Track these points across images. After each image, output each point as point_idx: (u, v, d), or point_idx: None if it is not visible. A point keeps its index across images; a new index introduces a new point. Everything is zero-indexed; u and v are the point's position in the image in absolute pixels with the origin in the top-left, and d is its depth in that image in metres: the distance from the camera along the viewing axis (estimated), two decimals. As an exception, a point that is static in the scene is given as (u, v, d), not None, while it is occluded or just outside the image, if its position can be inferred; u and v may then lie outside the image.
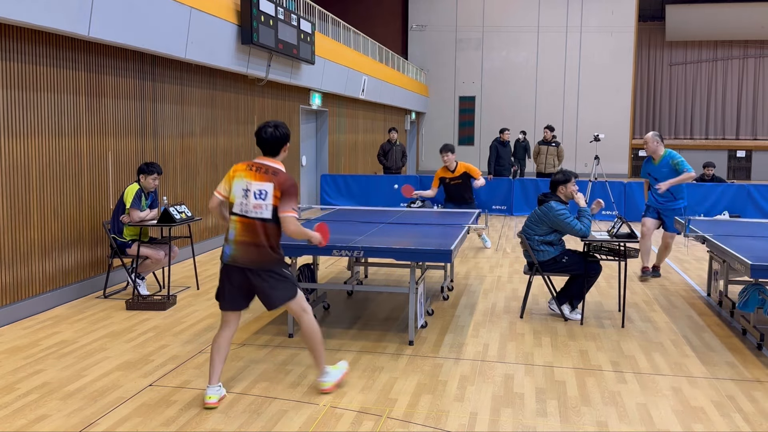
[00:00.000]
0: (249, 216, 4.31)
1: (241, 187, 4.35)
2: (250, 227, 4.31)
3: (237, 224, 4.35)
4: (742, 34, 28.16)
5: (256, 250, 4.30)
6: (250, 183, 4.34)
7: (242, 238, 4.32)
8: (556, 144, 15.01)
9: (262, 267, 4.33)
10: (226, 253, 4.38)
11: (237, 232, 4.34)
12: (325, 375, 4.64)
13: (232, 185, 4.40)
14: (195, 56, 8.76)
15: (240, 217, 4.34)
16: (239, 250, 4.32)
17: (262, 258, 4.32)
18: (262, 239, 4.30)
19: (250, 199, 4.31)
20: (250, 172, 4.37)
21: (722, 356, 5.50)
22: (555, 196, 6.51)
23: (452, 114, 26.73)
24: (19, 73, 6.32)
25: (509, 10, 25.98)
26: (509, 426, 4.16)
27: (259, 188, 4.31)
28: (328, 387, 4.62)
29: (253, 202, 4.30)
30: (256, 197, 4.30)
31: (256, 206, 4.30)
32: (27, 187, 6.47)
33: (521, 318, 6.56)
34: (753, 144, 27.69)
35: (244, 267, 4.33)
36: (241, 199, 4.34)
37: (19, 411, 4.30)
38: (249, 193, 4.32)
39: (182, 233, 8.32)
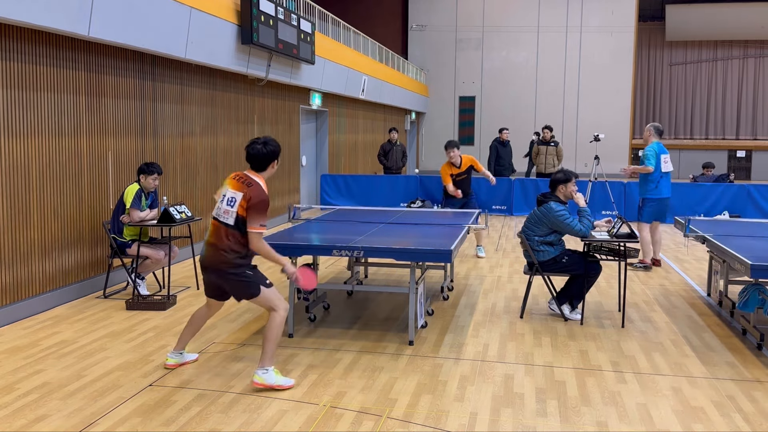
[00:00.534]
0: (219, 220, 4.68)
1: (223, 193, 4.72)
2: (217, 231, 4.67)
3: (210, 226, 4.76)
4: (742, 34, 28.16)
5: (216, 252, 4.64)
6: (228, 190, 4.69)
7: (209, 240, 4.71)
8: (555, 144, 15.01)
9: (219, 268, 4.65)
10: (202, 253, 4.80)
11: (209, 233, 4.75)
12: (264, 370, 4.65)
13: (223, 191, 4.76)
14: (195, 56, 8.76)
15: (213, 219, 4.73)
16: (206, 250, 4.73)
17: (220, 260, 4.63)
18: (224, 243, 4.62)
19: (224, 204, 4.66)
20: (233, 181, 4.71)
21: (722, 356, 5.50)
22: (554, 196, 6.51)
23: (452, 114, 26.73)
24: (19, 73, 6.32)
25: (509, 10, 25.98)
26: (509, 426, 4.16)
27: (231, 195, 4.64)
28: (258, 382, 4.64)
29: (224, 207, 4.65)
30: (227, 204, 4.64)
31: (225, 212, 4.65)
32: (27, 187, 6.47)
33: (521, 318, 6.56)
34: (753, 144, 27.69)
35: (210, 267, 4.70)
36: (218, 203, 4.73)
37: (19, 411, 4.30)
38: (224, 199, 4.68)
39: (182, 233, 8.32)
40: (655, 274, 8.80)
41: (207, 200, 10.05)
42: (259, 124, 11.93)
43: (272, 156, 4.71)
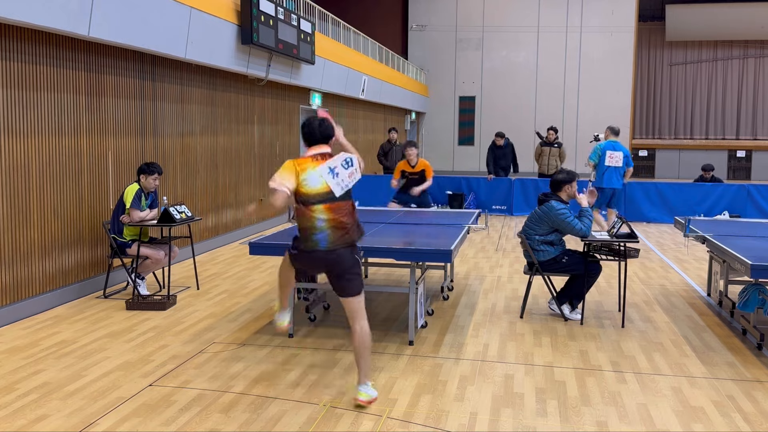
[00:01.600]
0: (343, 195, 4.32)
1: (324, 172, 4.30)
2: (343, 208, 4.34)
3: (328, 211, 4.29)
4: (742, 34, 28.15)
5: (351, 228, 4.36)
6: (331, 162, 4.34)
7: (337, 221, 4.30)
8: (558, 145, 15.00)
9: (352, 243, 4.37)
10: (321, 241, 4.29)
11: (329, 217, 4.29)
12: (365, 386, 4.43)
13: (305, 177, 4.28)
14: (195, 56, 8.76)
15: (331, 203, 4.29)
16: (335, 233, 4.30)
17: (354, 234, 4.39)
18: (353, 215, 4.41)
19: (342, 173, 4.34)
20: (317, 161, 4.34)
21: (722, 356, 5.49)
22: (555, 195, 6.51)
23: (452, 114, 26.73)
24: (19, 73, 6.32)
25: (509, 10, 25.97)
26: (509, 426, 4.16)
27: (341, 161, 4.37)
28: (364, 399, 4.38)
29: (346, 172, 4.36)
30: (346, 167, 4.37)
31: (350, 174, 4.38)
32: (27, 187, 6.47)
33: (521, 318, 6.56)
34: (753, 144, 27.68)
35: (338, 249, 4.32)
36: (334, 181, 4.31)
37: (19, 411, 4.30)
38: (336, 170, 4.33)
39: (182, 233, 8.32)
40: (654, 274, 8.80)
41: (207, 200, 10.05)
42: (259, 124, 11.93)
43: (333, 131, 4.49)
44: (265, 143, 12.24)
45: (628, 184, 14.36)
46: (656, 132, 30.60)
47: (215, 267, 8.89)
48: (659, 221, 13.98)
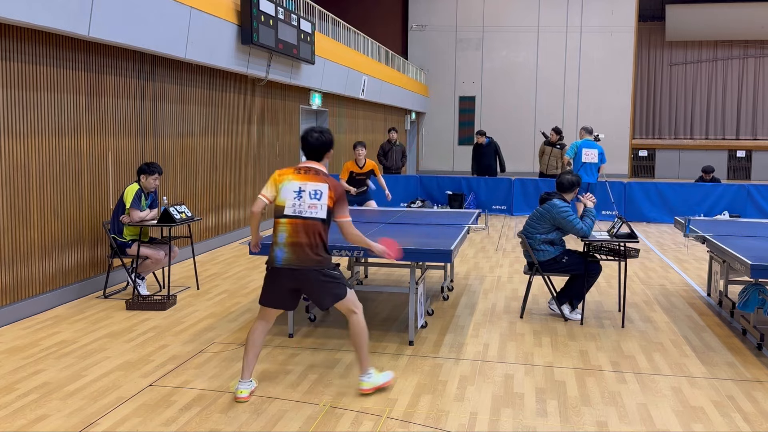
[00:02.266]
0: (303, 216, 4.37)
1: (293, 189, 4.41)
2: (304, 228, 4.37)
3: (288, 226, 4.39)
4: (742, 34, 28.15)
5: (309, 250, 4.36)
6: (305, 184, 4.41)
7: (294, 240, 4.37)
8: (560, 146, 15.00)
9: (313, 267, 4.37)
10: (278, 257, 4.38)
11: (288, 233, 4.38)
12: (367, 375, 4.60)
13: (280, 189, 4.44)
14: (195, 56, 8.76)
15: (292, 218, 4.38)
16: (292, 251, 4.36)
17: (314, 260, 4.36)
18: (315, 239, 4.37)
19: (305, 199, 4.38)
20: (299, 174, 4.45)
21: (722, 356, 5.49)
22: (558, 194, 6.51)
23: (452, 114, 26.73)
24: (19, 73, 6.32)
25: (509, 10, 25.98)
26: (509, 426, 4.16)
27: (314, 188, 4.40)
28: (366, 388, 4.57)
29: (309, 201, 4.38)
30: (311, 197, 4.38)
31: (311, 206, 4.38)
32: (27, 187, 6.47)
33: (521, 318, 6.56)
34: (753, 144, 27.69)
35: (296, 268, 4.36)
36: (293, 200, 4.39)
37: (19, 411, 4.30)
38: (304, 194, 4.39)
39: (182, 233, 8.32)
40: (654, 274, 8.80)
41: (207, 200, 10.05)
42: (259, 124, 11.93)
43: (329, 144, 4.60)
44: (265, 143, 12.24)
45: (628, 184, 14.39)
46: (656, 132, 30.61)
47: (215, 267, 8.89)
48: (659, 221, 13.98)
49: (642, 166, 27.10)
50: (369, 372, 4.60)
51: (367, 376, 4.59)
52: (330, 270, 4.46)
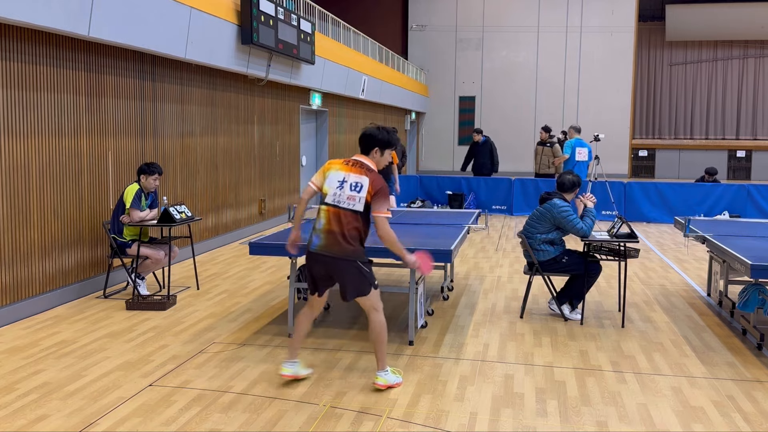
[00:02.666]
0: (341, 206, 4.50)
1: (337, 179, 4.56)
2: (340, 217, 4.50)
3: (327, 214, 4.55)
4: (742, 34, 28.15)
5: (342, 239, 4.48)
6: (348, 175, 4.55)
7: (329, 227, 4.51)
8: (551, 144, 15.01)
9: (344, 256, 4.49)
10: (314, 242, 4.56)
11: (326, 221, 4.54)
12: (384, 372, 4.71)
13: (326, 177, 4.61)
14: (195, 56, 8.76)
15: (332, 207, 4.54)
16: (327, 239, 4.51)
17: (346, 249, 4.48)
18: (349, 230, 4.48)
19: (345, 190, 4.51)
20: (346, 166, 4.60)
21: (722, 356, 5.49)
22: (558, 194, 6.51)
23: (452, 114, 26.72)
24: (19, 73, 6.32)
25: (509, 10, 25.98)
26: (509, 426, 4.16)
27: (355, 180, 4.52)
28: (381, 383, 4.68)
29: (348, 193, 4.50)
30: (351, 189, 4.50)
31: (350, 197, 4.50)
32: (27, 187, 6.46)
33: (521, 318, 6.56)
34: (753, 144, 27.68)
35: (329, 255, 4.50)
36: (335, 190, 4.54)
37: (19, 411, 4.30)
38: (345, 185, 4.52)
39: (182, 233, 8.32)
40: (654, 274, 8.80)
41: (207, 200, 10.05)
42: (259, 124, 11.93)
43: (377, 142, 4.64)
44: (265, 143, 12.24)
45: (628, 184, 14.39)
46: (656, 132, 30.60)
47: (215, 267, 8.89)
48: (659, 221, 13.98)
49: (642, 166, 27.10)
50: (386, 369, 4.72)
51: (384, 373, 4.70)
52: (361, 264, 4.54)
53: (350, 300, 4.67)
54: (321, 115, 15.94)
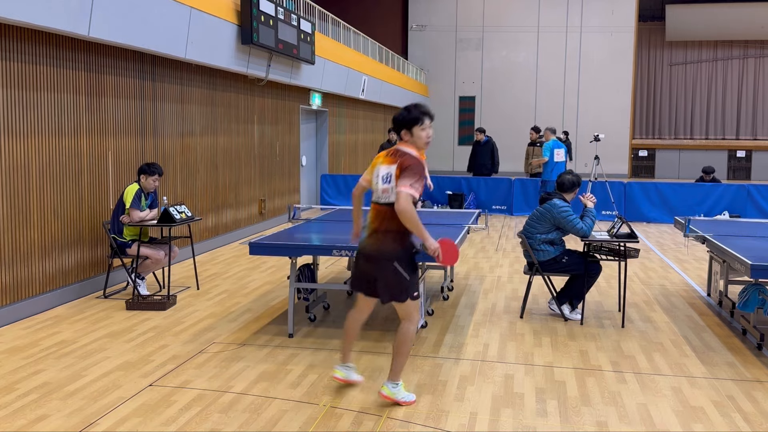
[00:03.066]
0: (379, 202, 4.29)
1: (377, 174, 4.34)
2: (380, 214, 4.28)
3: (371, 212, 4.36)
4: (742, 34, 28.15)
5: (380, 237, 4.25)
6: (380, 168, 4.31)
7: (372, 225, 4.32)
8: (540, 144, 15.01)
9: (383, 255, 4.24)
10: (360, 240, 4.44)
11: (370, 219, 4.35)
12: (394, 384, 4.42)
13: (373, 172, 4.39)
14: (195, 56, 8.76)
15: (374, 204, 4.35)
16: (368, 236, 4.34)
17: (385, 247, 4.23)
18: (389, 226, 4.22)
19: (379, 184, 4.28)
20: (385, 158, 4.33)
21: (722, 356, 5.49)
22: (558, 194, 6.51)
23: (452, 114, 26.73)
24: (19, 73, 6.32)
25: (509, 10, 25.98)
26: (509, 426, 4.16)
27: (386, 172, 4.25)
28: (386, 394, 4.41)
29: (381, 187, 4.26)
30: (384, 182, 4.25)
31: (384, 191, 4.26)
32: (27, 187, 6.46)
33: (521, 318, 6.56)
34: (753, 144, 27.68)
35: (369, 253, 4.31)
36: (375, 185, 4.33)
37: (19, 411, 4.30)
38: (378, 179, 4.30)
39: (182, 233, 8.32)
40: (654, 274, 8.80)
41: (207, 200, 10.05)
42: (259, 124, 11.93)
43: (404, 122, 4.25)
44: (265, 143, 12.24)
45: (628, 184, 14.39)
46: (656, 132, 30.60)
47: (215, 267, 8.89)
48: (659, 221, 13.98)
49: (642, 166, 27.10)
50: (397, 383, 4.42)
51: (393, 386, 4.41)
52: (402, 266, 4.24)
53: (385, 303, 4.36)
54: (321, 115, 15.94)
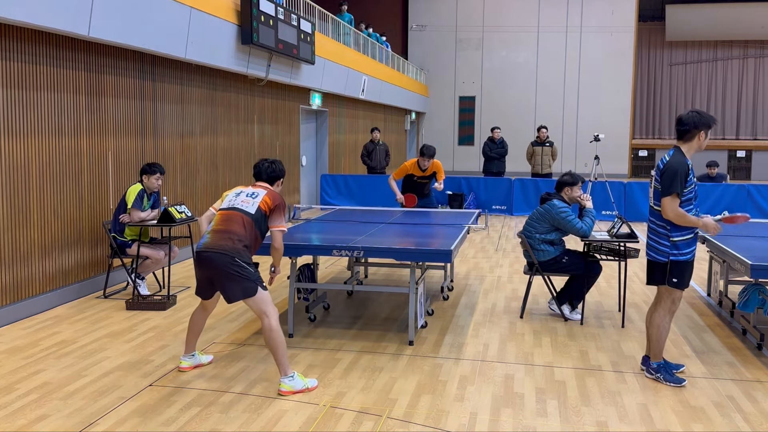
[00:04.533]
0: (233, 207, 4.71)
1: (235, 192, 4.83)
2: (229, 218, 4.67)
3: (218, 217, 4.77)
4: (742, 34, 28.15)
5: (224, 238, 4.58)
6: (246, 189, 4.84)
7: (216, 227, 4.69)
8: (550, 144, 15.03)
9: (224, 255, 4.52)
10: (200, 242, 4.72)
11: (215, 222, 4.73)
12: (289, 378, 4.59)
13: (225, 198, 4.87)
14: (195, 56, 8.76)
15: (224, 210, 4.75)
16: (211, 237, 4.65)
17: (228, 247, 4.54)
18: (237, 230, 4.60)
19: (241, 197, 4.76)
20: (246, 187, 4.89)
21: (722, 356, 5.49)
22: (558, 195, 6.51)
23: (452, 114, 26.73)
24: (19, 73, 6.32)
25: (509, 10, 25.98)
26: (509, 426, 4.16)
27: (252, 191, 4.80)
28: (286, 390, 4.55)
29: (243, 198, 4.74)
30: (248, 196, 4.75)
31: (244, 201, 4.72)
32: (27, 187, 6.47)
33: (521, 318, 6.56)
34: (753, 144, 27.68)
35: (212, 252, 4.56)
36: (231, 197, 4.80)
37: (19, 411, 4.30)
38: (242, 194, 4.78)
39: (182, 233, 8.32)
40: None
41: (207, 200, 10.05)
42: (259, 124, 11.93)
43: (281, 174, 4.96)
44: (265, 143, 12.24)
45: (628, 184, 14.39)
46: (656, 132, 30.60)
47: (215, 267, 8.87)
48: (659, 221, 13.94)
49: (642, 166, 27.09)
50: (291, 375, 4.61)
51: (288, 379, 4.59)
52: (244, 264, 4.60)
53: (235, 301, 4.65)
54: (321, 115, 15.94)
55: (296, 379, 4.61)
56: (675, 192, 4.61)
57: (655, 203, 4.85)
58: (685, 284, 4.81)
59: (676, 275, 4.76)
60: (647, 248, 4.94)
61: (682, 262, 4.76)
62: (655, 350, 4.90)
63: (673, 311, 4.88)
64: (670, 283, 4.78)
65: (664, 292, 4.86)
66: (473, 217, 7.71)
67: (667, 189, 4.64)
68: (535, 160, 15.03)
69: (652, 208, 4.91)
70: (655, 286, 4.92)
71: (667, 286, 4.81)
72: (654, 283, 4.90)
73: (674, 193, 4.61)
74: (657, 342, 4.89)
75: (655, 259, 4.84)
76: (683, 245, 4.74)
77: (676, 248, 4.74)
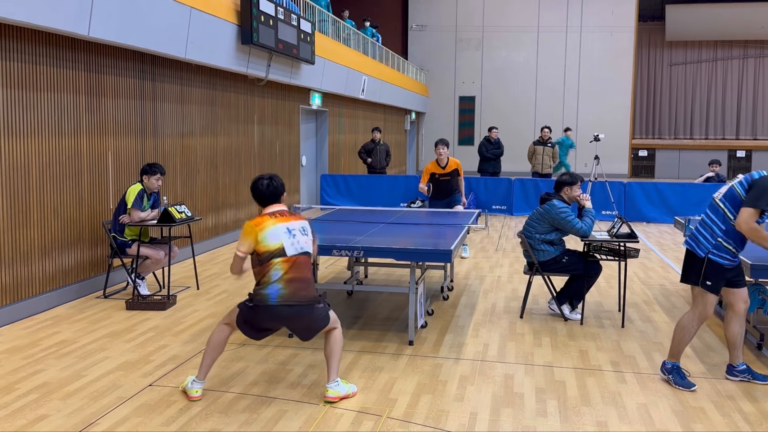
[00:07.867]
0: (304, 252, 4.42)
1: (282, 231, 4.37)
2: (302, 264, 4.40)
3: (286, 264, 4.33)
4: (742, 34, 28.16)
5: (307, 285, 4.38)
6: (289, 223, 4.43)
7: (297, 276, 4.34)
8: (552, 144, 15.02)
9: (312, 303, 4.37)
10: (273, 293, 4.28)
11: (286, 269, 4.32)
12: (335, 383, 4.53)
13: (261, 237, 4.33)
14: (195, 56, 8.76)
15: (294, 257, 4.36)
16: (291, 287, 4.30)
17: (313, 295, 4.40)
18: (309, 274, 4.44)
19: (298, 237, 4.41)
20: (275, 218, 4.42)
21: (722, 356, 5.49)
22: (558, 195, 6.51)
23: (452, 114, 26.73)
24: (19, 73, 6.32)
25: (509, 10, 25.99)
26: (509, 426, 4.16)
27: (301, 225, 4.48)
28: (332, 395, 4.47)
29: (300, 238, 4.42)
30: (303, 233, 4.46)
31: (305, 241, 4.44)
32: (27, 187, 6.47)
33: (521, 318, 6.56)
34: (753, 144, 27.68)
35: (299, 305, 4.31)
36: (289, 240, 4.37)
37: (19, 411, 4.30)
38: (295, 233, 4.41)
39: (182, 233, 8.32)
40: (654, 274, 8.80)
41: (207, 199, 10.05)
42: (259, 124, 11.93)
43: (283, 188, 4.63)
44: (265, 143, 12.24)
45: (628, 184, 14.39)
46: (656, 132, 30.61)
47: (215, 267, 8.89)
48: (659, 221, 13.98)
49: (642, 166, 27.11)
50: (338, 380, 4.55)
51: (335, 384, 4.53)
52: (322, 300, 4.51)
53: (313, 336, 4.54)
54: (321, 115, 15.94)
55: (341, 385, 4.55)
56: (760, 208, 4.51)
57: (721, 200, 4.73)
58: (718, 290, 4.73)
59: (710, 277, 4.68)
60: (689, 238, 4.85)
61: (718, 264, 4.67)
62: (675, 351, 4.87)
63: (703, 318, 4.79)
64: (704, 285, 4.70)
65: (697, 295, 4.79)
66: (473, 217, 7.71)
67: (753, 201, 4.52)
68: (536, 159, 15.02)
69: (714, 201, 4.79)
70: (689, 285, 4.85)
71: (700, 288, 4.74)
72: (688, 281, 4.83)
73: (759, 208, 4.51)
74: (679, 343, 4.85)
75: (693, 249, 4.76)
76: (725, 250, 4.66)
77: (717, 249, 4.67)
